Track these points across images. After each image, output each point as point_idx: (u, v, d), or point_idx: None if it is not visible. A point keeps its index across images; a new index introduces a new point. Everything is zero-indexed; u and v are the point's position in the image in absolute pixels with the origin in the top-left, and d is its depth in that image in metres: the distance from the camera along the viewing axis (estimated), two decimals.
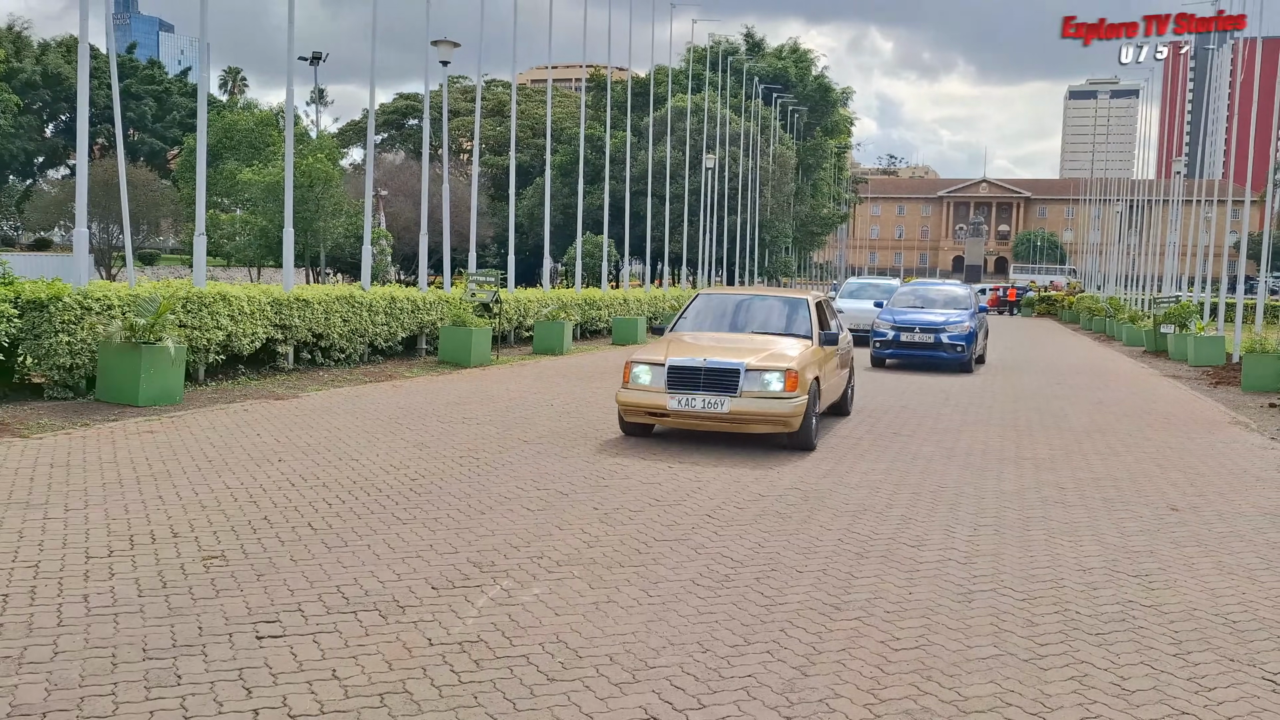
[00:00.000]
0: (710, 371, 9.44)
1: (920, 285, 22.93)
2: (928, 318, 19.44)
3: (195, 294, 12.81)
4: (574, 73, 71.22)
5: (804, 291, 12.39)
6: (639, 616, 5.05)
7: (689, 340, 10.61)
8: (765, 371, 9.43)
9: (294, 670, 4.24)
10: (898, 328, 19.13)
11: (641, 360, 9.88)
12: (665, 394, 9.52)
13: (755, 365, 9.44)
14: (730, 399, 9.35)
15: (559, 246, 50.58)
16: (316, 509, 6.92)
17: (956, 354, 18.64)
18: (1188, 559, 6.50)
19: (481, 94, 32.12)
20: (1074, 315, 51.04)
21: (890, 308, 20.67)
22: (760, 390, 9.37)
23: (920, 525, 7.13)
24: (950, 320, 19.19)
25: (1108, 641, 4.94)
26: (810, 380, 9.82)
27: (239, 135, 53.56)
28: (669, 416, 9.64)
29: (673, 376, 9.52)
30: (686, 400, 9.43)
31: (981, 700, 4.22)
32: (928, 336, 18.76)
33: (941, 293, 21.31)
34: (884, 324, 19.45)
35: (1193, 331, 23.98)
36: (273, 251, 43.64)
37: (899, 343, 19.01)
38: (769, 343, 10.43)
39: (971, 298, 20.70)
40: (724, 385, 9.38)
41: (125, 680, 4.08)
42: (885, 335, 19.29)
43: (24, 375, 11.50)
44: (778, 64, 71.67)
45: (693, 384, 9.45)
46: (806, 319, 11.13)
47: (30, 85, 64.21)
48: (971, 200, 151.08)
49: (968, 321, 19.16)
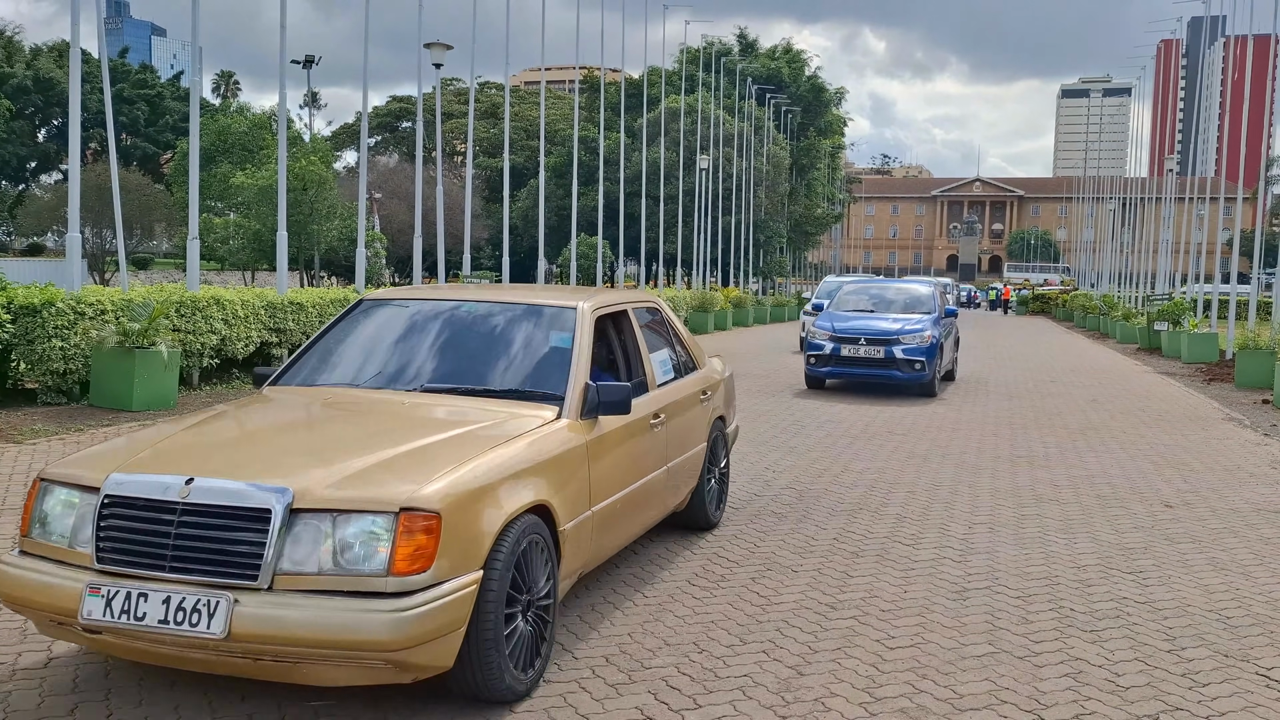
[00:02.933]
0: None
1: (871, 283, 18.37)
2: (877, 325, 15.02)
3: (189, 298, 12.80)
4: (567, 74, 71.29)
5: (574, 294, 5.64)
6: (635, 618, 5.06)
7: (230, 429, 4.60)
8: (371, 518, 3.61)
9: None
10: (838, 338, 14.84)
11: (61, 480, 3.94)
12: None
13: (343, 502, 3.62)
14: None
15: (554, 248, 50.62)
16: None
17: (915, 373, 14.48)
18: (1182, 555, 6.51)
19: (475, 96, 32.12)
20: (1068, 313, 51.15)
21: (832, 311, 16.33)
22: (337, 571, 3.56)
23: (915, 524, 7.14)
24: (907, 328, 14.79)
25: (1102, 638, 4.96)
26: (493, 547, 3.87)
27: (232, 139, 53.49)
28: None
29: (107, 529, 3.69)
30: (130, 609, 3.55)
31: (977, 698, 4.23)
32: (876, 350, 14.57)
33: (899, 292, 17.04)
34: (821, 333, 15.11)
35: (1186, 328, 24.05)
36: (266, 255, 43.58)
37: (839, 357, 14.75)
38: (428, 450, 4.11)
39: (935, 298, 16.24)
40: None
41: (119, 686, 4.08)
42: (822, 348, 14.91)
43: (17, 381, 11.49)
44: (771, 65, 71.75)
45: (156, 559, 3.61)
46: (561, 369, 4.98)
47: (22, 90, 64.15)
48: (965, 199, 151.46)
49: (929, 330, 14.80)
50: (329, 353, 5.40)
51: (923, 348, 14.54)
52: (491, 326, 5.37)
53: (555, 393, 4.82)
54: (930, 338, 14.69)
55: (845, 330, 14.91)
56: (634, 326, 5.89)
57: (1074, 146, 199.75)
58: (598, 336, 5.49)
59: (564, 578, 4.51)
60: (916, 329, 14.76)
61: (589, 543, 4.72)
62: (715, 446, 6.85)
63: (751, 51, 73.77)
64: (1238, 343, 18.61)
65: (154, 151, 70.46)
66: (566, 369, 4.94)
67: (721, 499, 7.05)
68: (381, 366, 5.24)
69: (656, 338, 6.23)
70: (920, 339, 14.62)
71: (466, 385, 4.96)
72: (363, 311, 5.63)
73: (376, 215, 49.36)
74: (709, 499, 6.73)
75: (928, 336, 14.68)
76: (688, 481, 6.30)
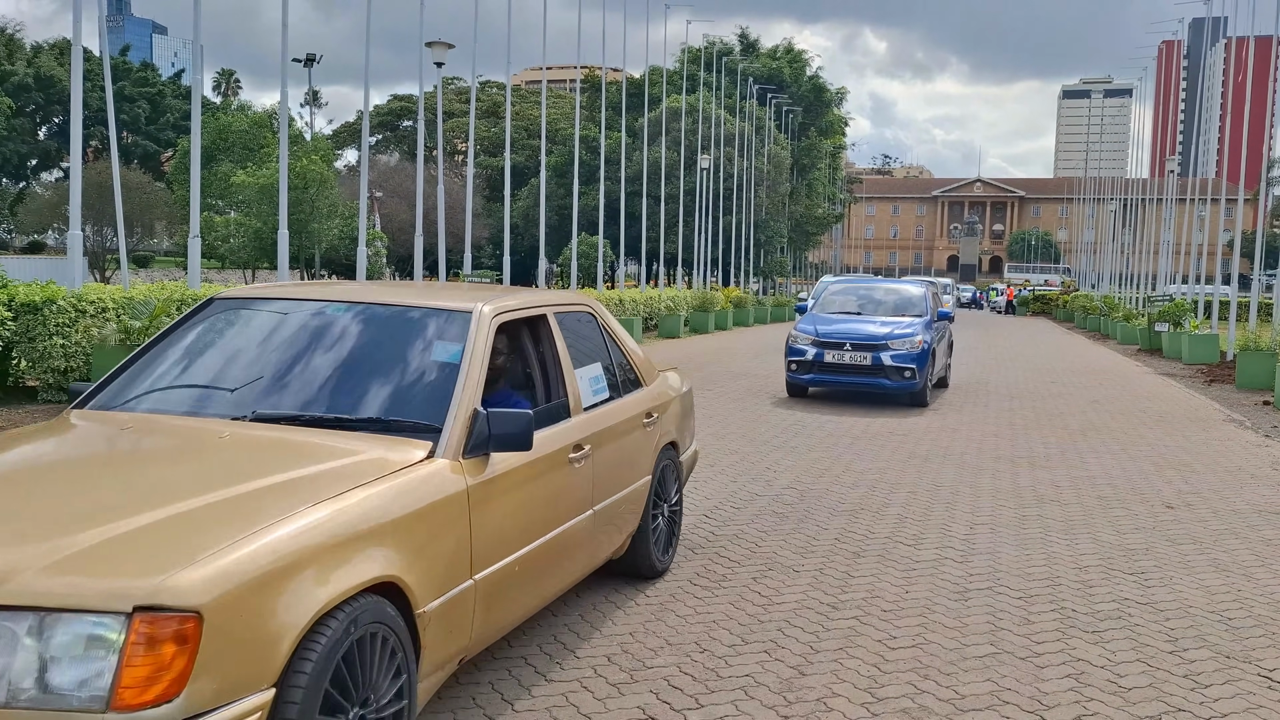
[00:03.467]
0: None
1: (859, 283, 17.32)
2: (864, 329, 14.11)
3: (190, 296, 12.79)
4: (568, 74, 71.28)
5: (474, 294, 4.51)
6: (636, 617, 5.06)
7: None
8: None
9: None
10: (822, 343, 13.94)
11: None
12: None
13: None
14: None
15: (554, 247, 50.62)
16: None
17: (904, 381, 13.52)
18: (1183, 557, 6.51)
19: (476, 95, 32.11)
20: (1068, 314, 51.17)
21: (815, 314, 15.38)
22: None
23: (916, 525, 7.14)
24: (896, 333, 13.88)
25: (1104, 639, 4.96)
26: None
27: (233, 137, 53.55)
28: None
29: None
30: None
31: (979, 698, 4.22)
32: (863, 356, 13.61)
33: (888, 292, 15.95)
34: (803, 337, 14.19)
35: (1187, 329, 24.05)
36: (267, 254, 43.60)
37: (823, 364, 13.86)
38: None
39: (927, 300, 15.37)
40: None
41: None
42: (804, 353, 13.99)
43: (18, 378, 11.49)
44: (772, 64, 71.79)
45: None
46: (442, 392, 3.94)
47: (23, 88, 64.15)
48: (966, 200, 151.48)
49: (920, 334, 13.89)
50: (154, 365, 4.23)
51: (913, 354, 13.58)
52: (360, 336, 4.20)
53: (430, 423, 3.70)
54: (921, 343, 13.72)
55: (829, 334, 13.99)
56: (555, 335, 4.71)
57: (1075, 147, 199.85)
58: (507, 348, 4.60)
59: (428, 675, 3.37)
60: (907, 333, 13.84)
61: (471, 621, 3.60)
62: (664, 478, 5.68)
63: (753, 51, 73.81)
64: (1238, 344, 18.60)
65: (155, 150, 70.48)
66: (449, 392, 3.80)
67: (672, 541, 5.83)
68: (209, 386, 4.10)
69: (587, 349, 5.07)
70: (910, 344, 13.65)
71: (313, 413, 3.80)
72: (208, 314, 4.46)
73: (377, 214, 49.39)
74: (655, 542, 5.53)
75: (919, 342, 13.71)
76: (626, 523, 5.15)
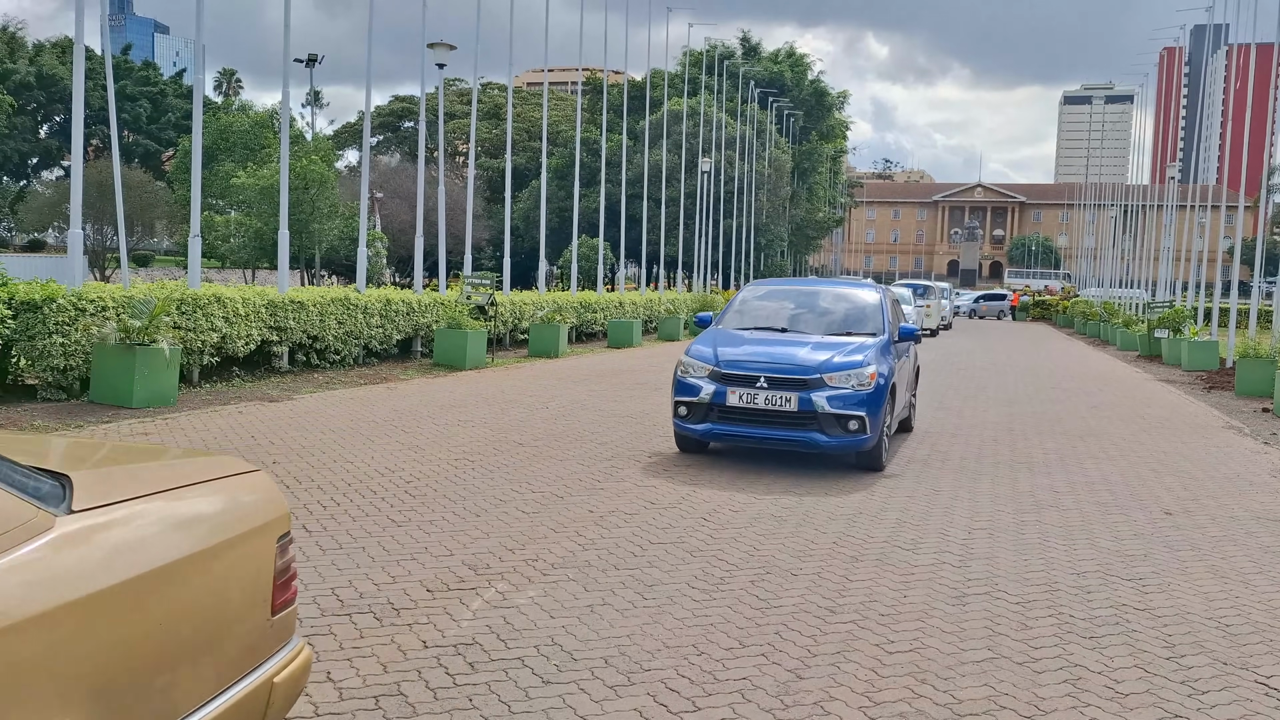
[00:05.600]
0: None
1: (792, 285, 12.03)
2: (789, 354, 9.34)
3: (190, 296, 12.80)
4: (570, 76, 71.30)
5: None
6: (634, 619, 5.05)
7: None
8: None
9: None
10: (724, 375, 9.20)
11: None
12: None
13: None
14: None
15: (555, 249, 50.62)
16: (311, 511, 6.90)
17: (847, 436, 8.90)
18: (1181, 563, 6.51)
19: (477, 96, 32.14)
20: (1068, 319, 51.18)
21: (720, 330, 10.35)
22: None
23: (915, 529, 7.13)
24: (838, 361, 9.20)
25: (1101, 645, 4.95)
26: None
27: (234, 137, 53.61)
28: None
29: None
30: None
31: (976, 703, 4.22)
32: (785, 398, 8.92)
33: (833, 299, 11.00)
34: (697, 367, 9.41)
35: (1186, 336, 24.06)
36: (268, 253, 43.62)
37: (725, 409, 9.12)
38: None
39: (884, 311, 10.54)
40: None
41: None
42: (696, 391, 9.23)
43: (18, 377, 11.49)
44: (774, 68, 71.86)
45: None
46: None
47: (25, 86, 64.20)
48: (966, 204, 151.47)
49: (874, 363, 9.28)
50: None
51: (862, 395, 8.90)
52: None
53: None
54: (875, 377, 9.07)
55: (735, 362, 9.17)
56: None
57: (1076, 153, 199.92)
58: None
59: None
60: (853, 363, 9.12)
61: None
62: None
63: (754, 54, 73.89)
64: (1238, 351, 18.60)
65: (156, 149, 70.50)
66: None
67: None
68: None
69: None
70: (859, 379, 8.99)
71: None
72: None
73: (378, 215, 49.39)
74: None
75: (870, 375, 9.04)
76: None
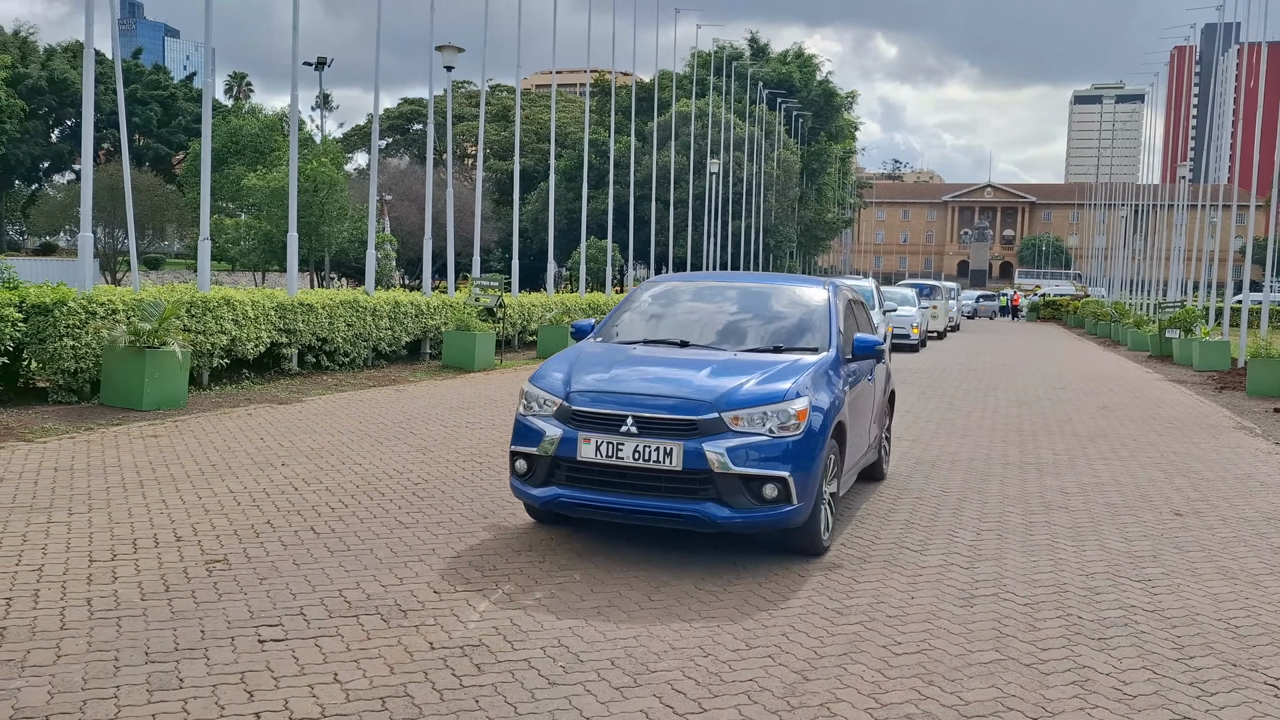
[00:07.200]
0: None
1: (709, 281, 8.34)
2: (675, 378, 6.27)
3: (200, 298, 12.84)
4: (578, 78, 71.34)
5: None
6: (641, 620, 5.05)
7: None
8: None
9: (296, 674, 4.25)
10: (576, 411, 6.06)
11: None
12: None
13: None
14: None
15: (563, 251, 50.65)
16: (319, 513, 6.92)
17: (756, 511, 5.78)
18: (1191, 564, 6.48)
19: (486, 99, 32.16)
20: (1079, 319, 51.03)
21: (598, 342, 7.34)
22: None
23: (923, 530, 7.12)
24: (744, 391, 6.01)
25: (1110, 646, 4.94)
26: None
27: (244, 140, 53.71)
28: None
29: None
30: None
31: (983, 705, 4.21)
32: (661, 449, 5.78)
33: (761, 299, 7.71)
34: (545, 398, 6.24)
35: (1198, 336, 23.96)
36: (277, 256, 43.68)
37: (574, 465, 5.99)
38: None
39: (831, 317, 7.28)
40: None
41: (128, 683, 4.09)
42: (537, 438, 6.09)
43: (28, 379, 11.55)
44: (782, 69, 71.82)
45: None
46: None
47: (36, 90, 64.46)
48: (976, 205, 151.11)
49: (804, 393, 6.10)
50: None
51: (784, 444, 5.87)
52: None
53: None
54: (805, 414, 6.00)
55: (593, 395, 6.13)
56: None
57: (1086, 153, 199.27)
58: None
59: None
60: (771, 393, 6.03)
61: None
62: None
63: (762, 55, 73.86)
64: (1250, 351, 18.52)
65: (166, 152, 70.73)
66: None
67: None
68: None
69: None
70: (781, 418, 5.92)
71: None
72: None
73: (387, 217, 49.49)
74: None
75: (799, 412, 5.98)
76: None
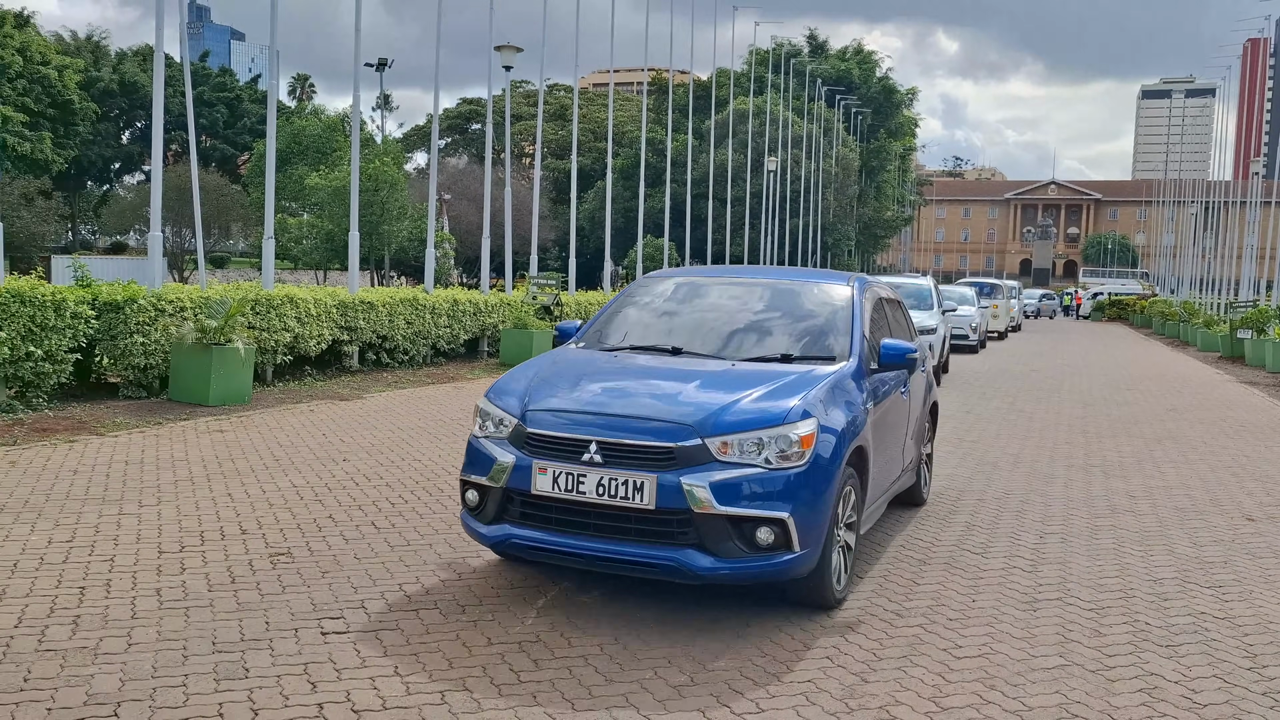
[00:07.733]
0: None
1: (715, 277, 6.77)
2: (654, 393, 5.13)
3: (264, 296, 13.09)
4: (635, 76, 71.41)
5: None
6: (698, 620, 5.04)
7: None
8: None
9: (357, 666, 4.31)
10: (531, 435, 4.95)
11: None
12: None
13: None
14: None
15: (620, 249, 50.75)
16: (380, 508, 7.02)
17: (747, 561, 4.66)
18: (1264, 571, 6.30)
19: (543, 98, 32.35)
20: (1146, 320, 49.93)
21: (578, 348, 6.08)
22: None
23: (984, 532, 7.01)
24: (735, 410, 4.86)
25: (1179, 653, 4.82)
26: None
27: (307, 140, 54.63)
28: None
29: None
30: None
31: (1046, 711, 4.13)
32: (630, 482, 4.65)
33: (771, 297, 6.30)
34: (501, 417, 5.12)
35: (1271, 336, 23.28)
36: (338, 255, 44.41)
37: (530, 502, 4.90)
38: None
39: (855, 318, 5.95)
40: None
41: (196, 672, 4.18)
42: (486, 465, 4.99)
43: (101, 375, 11.87)
44: (841, 66, 71.20)
45: None
46: None
47: (108, 93, 66.14)
48: (1040, 202, 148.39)
49: (812, 412, 4.92)
50: None
51: (783, 477, 4.74)
52: None
53: None
54: (811, 440, 4.86)
55: (551, 416, 5.05)
56: None
57: (1154, 149, 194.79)
58: None
59: None
60: (768, 414, 4.89)
61: None
62: None
63: (821, 52, 73.29)
64: None
65: (232, 153, 72.16)
66: None
67: None
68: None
69: None
70: (781, 444, 4.78)
71: None
72: None
73: (446, 216, 49.98)
74: None
75: (804, 438, 4.84)
76: None
